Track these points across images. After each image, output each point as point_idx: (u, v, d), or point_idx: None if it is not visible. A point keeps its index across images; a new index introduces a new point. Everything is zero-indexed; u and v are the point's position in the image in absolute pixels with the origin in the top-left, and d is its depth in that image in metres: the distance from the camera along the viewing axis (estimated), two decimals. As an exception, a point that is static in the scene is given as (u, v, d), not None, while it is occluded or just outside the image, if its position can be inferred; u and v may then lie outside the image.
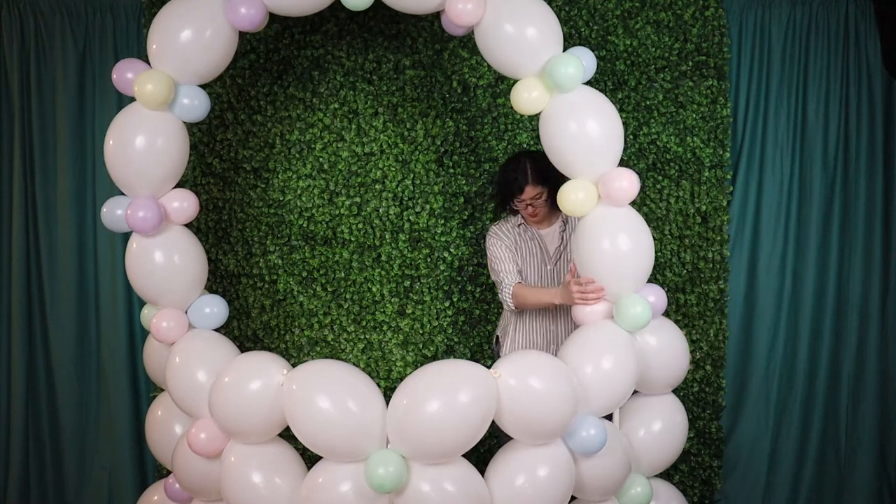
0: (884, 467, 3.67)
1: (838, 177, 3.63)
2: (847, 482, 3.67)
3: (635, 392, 2.92)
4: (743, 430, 3.70)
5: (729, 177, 3.55)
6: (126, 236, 3.55)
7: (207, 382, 2.65)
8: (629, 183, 2.66)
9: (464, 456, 2.55)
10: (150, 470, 3.66)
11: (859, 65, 3.58)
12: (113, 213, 2.75)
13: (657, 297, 2.79)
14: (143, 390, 3.65)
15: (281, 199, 3.51)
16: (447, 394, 2.43)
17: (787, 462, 3.69)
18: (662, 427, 2.88)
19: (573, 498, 2.85)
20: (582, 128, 2.67)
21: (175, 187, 2.80)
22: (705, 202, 3.53)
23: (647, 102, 3.50)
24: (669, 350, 2.83)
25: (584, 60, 2.70)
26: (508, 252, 3.09)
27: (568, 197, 2.73)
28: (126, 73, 2.69)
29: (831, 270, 3.65)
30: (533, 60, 2.70)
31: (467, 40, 3.48)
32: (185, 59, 2.67)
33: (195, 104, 2.74)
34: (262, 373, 2.55)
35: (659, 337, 2.81)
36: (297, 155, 3.51)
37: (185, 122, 2.77)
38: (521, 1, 2.70)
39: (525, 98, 2.73)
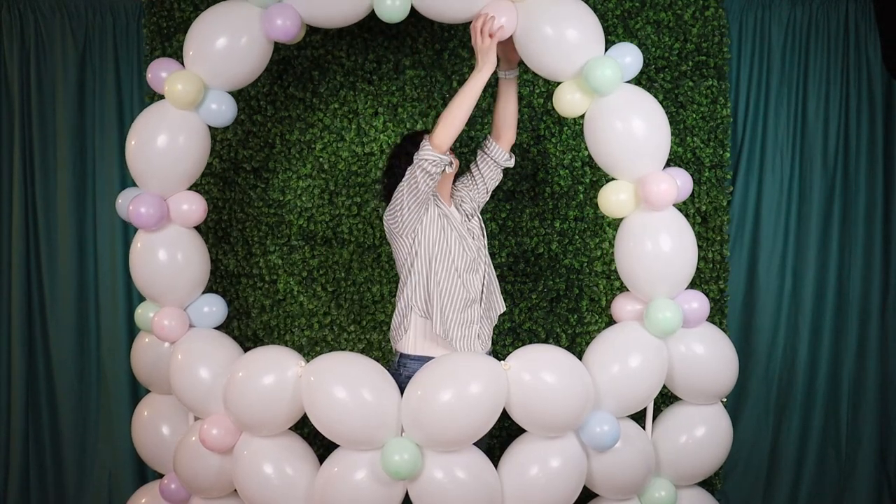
0: (884, 467, 3.67)
1: (838, 177, 3.63)
2: (847, 482, 3.67)
3: (680, 400, 2.92)
4: (743, 430, 3.70)
5: (729, 177, 3.55)
6: (127, 236, 3.58)
7: (212, 380, 2.70)
8: (668, 186, 2.61)
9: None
10: (150, 470, 3.66)
11: (859, 65, 3.58)
12: (125, 205, 2.80)
13: (700, 303, 2.75)
14: (143, 390, 3.65)
15: (281, 199, 3.51)
16: (459, 385, 2.51)
17: (787, 462, 3.69)
18: (703, 435, 2.85)
19: (596, 495, 2.86)
20: (624, 129, 2.63)
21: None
22: (705, 202, 3.53)
23: (647, 102, 3.50)
24: (715, 359, 2.79)
25: (626, 58, 2.64)
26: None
27: (608, 198, 2.73)
28: (160, 73, 2.75)
29: (831, 270, 3.65)
30: (572, 63, 2.65)
31: (467, 40, 3.48)
32: (219, 65, 2.72)
33: (222, 109, 2.80)
34: (276, 366, 2.62)
35: (706, 345, 2.78)
36: (297, 155, 3.51)
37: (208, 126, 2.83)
38: (557, 2, 2.64)
39: (568, 100, 2.70)
